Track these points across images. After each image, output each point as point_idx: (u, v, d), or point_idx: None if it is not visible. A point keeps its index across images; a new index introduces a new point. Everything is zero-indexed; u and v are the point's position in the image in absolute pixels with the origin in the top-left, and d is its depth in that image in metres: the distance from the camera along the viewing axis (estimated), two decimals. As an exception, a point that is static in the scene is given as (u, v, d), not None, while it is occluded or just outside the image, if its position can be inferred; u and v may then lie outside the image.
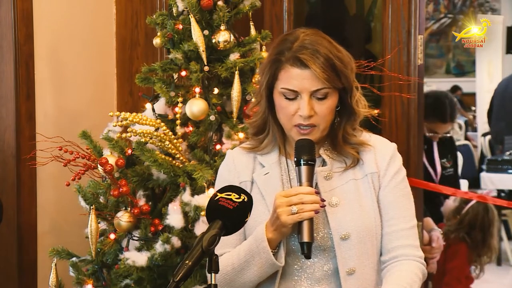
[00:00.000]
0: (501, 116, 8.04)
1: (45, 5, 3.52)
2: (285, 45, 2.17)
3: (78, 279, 3.01)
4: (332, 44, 2.18)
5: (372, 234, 2.19)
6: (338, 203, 2.19)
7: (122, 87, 3.89)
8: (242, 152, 2.32)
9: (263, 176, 2.25)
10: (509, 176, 7.02)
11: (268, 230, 2.12)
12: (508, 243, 7.13)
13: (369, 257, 2.20)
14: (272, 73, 2.18)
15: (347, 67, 2.18)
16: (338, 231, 2.16)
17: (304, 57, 2.12)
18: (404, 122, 3.65)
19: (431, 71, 11.85)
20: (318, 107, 2.16)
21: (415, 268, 2.19)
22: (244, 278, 2.17)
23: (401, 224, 2.22)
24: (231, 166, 2.30)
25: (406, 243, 2.22)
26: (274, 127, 2.26)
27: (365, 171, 2.23)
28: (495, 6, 11.91)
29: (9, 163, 3.41)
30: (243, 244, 2.19)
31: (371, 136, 2.30)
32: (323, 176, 2.21)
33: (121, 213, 2.90)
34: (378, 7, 4.34)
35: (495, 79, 9.58)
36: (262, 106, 2.25)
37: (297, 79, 2.14)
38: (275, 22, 3.83)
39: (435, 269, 4.29)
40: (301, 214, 2.08)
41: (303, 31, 2.20)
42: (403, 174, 2.28)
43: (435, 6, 11.94)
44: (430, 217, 4.26)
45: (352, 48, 4.48)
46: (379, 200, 2.23)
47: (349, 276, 2.16)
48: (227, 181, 2.23)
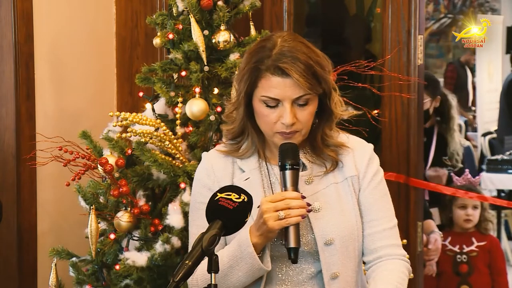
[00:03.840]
0: (506, 114, 8.04)
1: (45, 5, 3.52)
2: (263, 53, 2.14)
3: (78, 279, 3.01)
4: (310, 49, 2.16)
5: (354, 237, 2.20)
6: (320, 208, 2.19)
7: (122, 87, 3.89)
8: (220, 155, 2.29)
9: (243, 182, 2.22)
10: (509, 176, 7.02)
11: (253, 235, 2.11)
12: (508, 243, 7.13)
13: (351, 260, 2.21)
14: (252, 81, 2.16)
15: (325, 70, 2.17)
16: (322, 236, 2.17)
17: (284, 66, 2.10)
18: (404, 122, 3.65)
19: (431, 71, 11.84)
20: (300, 113, 2.15)
21: (401, 267, 2.21)
22: (229, 283, 2.16)
23: (383, 225, 2.23)
24: (210, 170, 2.27)
25: (389, 243, 2.23)
26: (253, 133, 2.24)
27: (345, 174, 2.24)
28: (495, 6, 11.91)
29: (9, 163, 3.41)
30: (226, 249, 2.17)
31: (348, 137, 2.30)
32: (303, 180, 2.21)
33: (121, 213, 2.90)
34: (378, 7, 4.34)
35: (495, 79, 9.57)
36: (240, 113, 2.22)
37: (279, 88, 2.12)
38: (275, 22, 3.83)
39: (434, 271, 4.29)
40: (288, 220, 2.07)
41: (279, 35, 2.18)
42: (381, 175, 2.28)
43: (435, 6, 11.93)
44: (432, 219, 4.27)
45: (352, 48, 4.49)
46: (360, 202, 2.24)
47: (333, 281, 2.17)
48: (206, 186, 2.22)
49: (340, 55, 4.31)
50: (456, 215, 4.44)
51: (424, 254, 4.06)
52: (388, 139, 3.67)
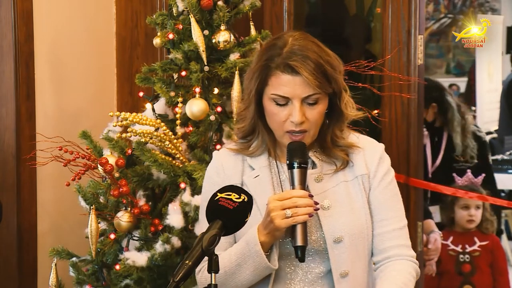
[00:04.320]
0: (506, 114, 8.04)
1: (45, 5, 3.52)
2: (274, 51, 2.15)
3: (78, 279, 3.01)
4: (321, 48, 2.17)
5: (363, 236, 2.20)
6: (330, 206, 2.19)
7: (122, 87, 3.89)
8: (230, 153, 2.30)
9: (253, 179, 2.23)
10: (509, 176, 7.02)
11: (261, 233, 2.11)
12: (508, 243, 7.13)
13: (361, 259, 2.20)
14: (262, 79, 2.16)
15: (336, 71, 2.17)
16: (331, 234, 2.16)
17: (294, 64, 2.11)
18: (404, 122, 3.65)
19: (431, 71, 11.83)
20: (309, 112, 2.15)
21: (409, 268, 2.20)
22: (236, 281, 2.16)
23: (393, 225, 2.22)
24: (220, 168, 2.28)
25: (399, 243, 2.22)
26: (264, 132, 2.24)
27: (355, 173, 2.23)
28: (495, 6, 11.90)
29: (9, 163, 3.41)
30: (234, 247, 2.18)
31: (359, 137, 2.29)
32: (313, 178, 2.21)
33: (121, 213, 2.91)
34: (378, 7, 4.34)
35: (495, 79, 9.57)
36: (250, 112, 2.23)
37: (288, 86, 2.12)
38: (275, 22, 3.83)
39: (434, 271, 4.29)
40: (295, 218, 2.07)
41: (291, 34, 2.19)
42: (392, 175, 2.28)
43: (435, 6, 11.92)
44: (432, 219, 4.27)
45: (352, 48, 4.49)
46: (370, 201, 2.23)
47: (343, 279, 2.17)
48: (216, 184, 2.21)
49: (340, 55, 4.31)
50: (458, 215, 4.44)
51: (424, 254, 4.06)
52: (388, 139, 3.67)
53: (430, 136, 4.73)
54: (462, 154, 4.72)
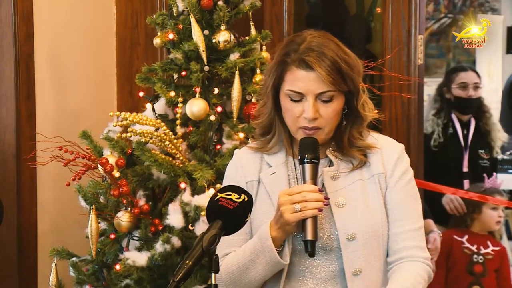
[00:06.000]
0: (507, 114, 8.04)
1: (45, 4, 3.52)
2: (292, 47, 2.17)
3: (78, 279, 3.01)
4: (339, 47, 2.18)
5: (378, 235, 2.19)
6: (344, 203, 2.18)
7: (122, 87, 3.89)
8: (249, 152, 2.31)
9: (269, 176, 2.24)
10: (509, 176, 7.02)
11: (272, 228, 2.12)
12: (508, 243, 7.12)
13: (375, 258, 2.19)
14: (278, 75, 2.18)
15: (353, 70, 2.17)
16: (345, 231, 2.16)
17: (309, 59, 2.12)
18: (404, 122, 3.65)
19: (431, 71, 11.83)
20: (323, 109, 2.15)
21: (420, 270, 2.19)
22: (249, 277, 2.16)
23: (408, 225, 2.21)
24: (238, 166, 2.29)
25: (413, 244, 2.21)
26: (281, 128, 2.25)
27: (372, 171, 2.22)
28: (495, 6, 11.90)
29: (9, 163, 3.41)
30: (248, 243, 2.19)
31: (378, 136, 2.29)
32: (329, 176, 2.21)
33: (121, 213, 2.91)
34: (378, 7, 4.34)
35: (495, 79, 9.56)
36: (268, 107, 2.24)
37: (302, 81, 2.13)
38: (275, 22, 3.83)
39: (434, 270, 4.27)
40: (304, 212, 2.07)
41: (310, 32, 2.20)
42: (411, 175, 2.26)
43: (435, 6, 11.92)
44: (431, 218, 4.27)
45: (352, 48, 4.48)
46: (386, 201, 2.22)
47: (355, 277, 2.16)
48: (234, 181, 2.23)
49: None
50: (487, 215, 4.39)
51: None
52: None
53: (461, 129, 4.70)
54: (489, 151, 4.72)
